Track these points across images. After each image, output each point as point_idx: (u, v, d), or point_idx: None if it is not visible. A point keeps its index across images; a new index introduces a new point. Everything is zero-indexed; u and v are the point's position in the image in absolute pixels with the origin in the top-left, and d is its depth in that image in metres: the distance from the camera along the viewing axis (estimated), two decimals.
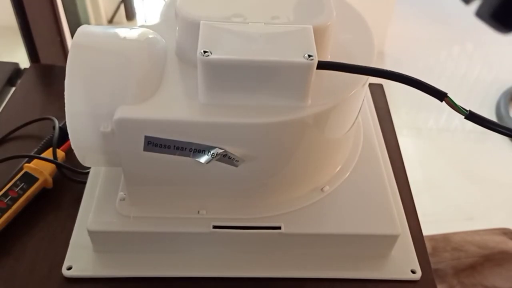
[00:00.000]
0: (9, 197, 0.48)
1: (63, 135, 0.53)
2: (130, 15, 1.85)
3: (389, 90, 0.65)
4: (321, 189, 0.46)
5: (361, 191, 0.46)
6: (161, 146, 0.38)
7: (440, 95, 0.35)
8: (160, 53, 0.40)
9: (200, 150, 0.38)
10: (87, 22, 1.21)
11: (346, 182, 0.47)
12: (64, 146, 0.54)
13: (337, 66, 0.37)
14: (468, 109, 0.35)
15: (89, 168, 0.50)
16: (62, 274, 0.43)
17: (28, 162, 0.51)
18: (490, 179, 1.40)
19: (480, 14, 0.46)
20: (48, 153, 0.52)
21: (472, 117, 0.35)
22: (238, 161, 0.39)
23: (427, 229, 0.52)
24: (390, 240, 0.45)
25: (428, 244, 0.67)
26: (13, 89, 0.66)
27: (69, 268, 0.44)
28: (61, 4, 0.75)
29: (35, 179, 0.49)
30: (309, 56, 0.35)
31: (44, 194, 0.50)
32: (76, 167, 0.50)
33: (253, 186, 0.43)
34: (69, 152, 0.52)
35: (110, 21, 1.81)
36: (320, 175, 0.46)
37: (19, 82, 0.66)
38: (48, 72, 0.69)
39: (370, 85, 0.64)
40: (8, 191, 0.48)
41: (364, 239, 0.44)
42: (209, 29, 0.37)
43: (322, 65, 0.36)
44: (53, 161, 0.51)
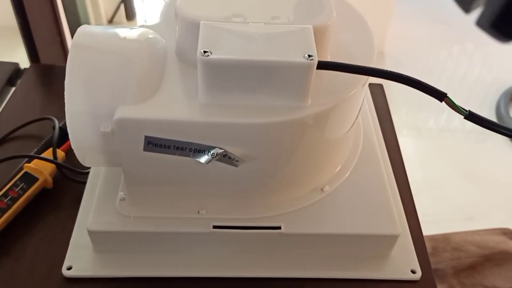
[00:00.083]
0: (9, 197, 0.48)
1: (63, 135, 0.53)
2: (130, 15, 1.85)
3: (389, 90, 0.65)
4: (321, 189, 0.46)
5: (361, 191, 0.46)
6: (161, 146, 0.38)
7: (440, 96, 0.35)
8: (160, 53, 0.40)
9: (200, 150, 0.38)
10: (87, 22, 1.21)
11: (346, 182, 0.47)
12: (64, 146, 0.54)
13: (337, 66, 0.37)
14: (468, 109, 0.35)
15: (89, 168, 0.50)
16: (62, 274, 0.43)
17: (28, 162, 0.51)
18: (490, 179, 1.40)
19: (481, 24, 0.47)
20: (48, 153, 0.52)
21: (472, 117, 0.35)
22: (238, 161, 0.39)
23: (427, 229, 0.52)
24: (390, 240, 0.45)
25: (428, 244, 0.67)
26: (13, 89, 0.66)
27: (69, 268, 0.44)
28: (61, 4, 0.75)
29: (35, 179, 0.49)
30: (309, 56, 0.35)
31: (44, 194, 0.50)
32: (76, 167, 0.50)
33: (253, 186, 0.43)
34: (69, 152, 0.52)
35: (110, 21, 1.81)
36: (320, 175, 0.46)
37: (19, 82, 0.66)
38: (48, 72, 0.69)
39: (370, 85, 0.64)
40: (8, 191, 0.48)
41: (364, 239, 0.44)
42: (209, 29, 0.37)
43: (322, 65, 0.36)
44: (53, 161, 0.51)
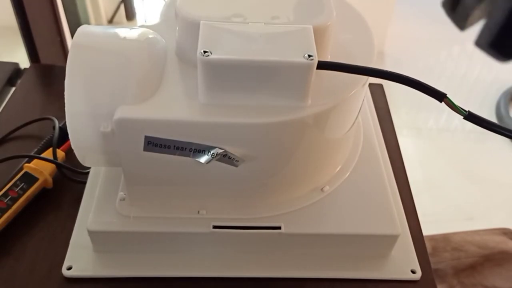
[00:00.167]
0: (9, 197, 0.48)
1: (63, 135, 0.53)
2: (130, 15, 1.85)
3: (389, 90, 0.65)
4: (321, 189, 0.46)
5: (361, 191, 0.46)
6: (161, 146, 0.38)
7: (439, 96, 0.35)
8: (160, 53, 0.40)
9: (200, 150, 0.38)
10: (87, 22, 1.21)
11: (346, 182, 0.47)
12: (64, 146, 0.54)
13: (337, 66, 0.37)
14: (467, 110, 0.35)
15: (89, 168, 0.50)
16: (62, 274, 0.43)
17: (28, 162, 0.51)
18: (490, 179, 1.40)
19: (479, 44, 0.47)
20: (48, 153, 0.52)
21: (471, 118, 0.35)
22: (238, 161, 0.39)
23: (427, 229, 0.52)
24: (390, 240, 0.45)
25: (428, 244, 0.67)
26: (13, 89, 0.66)
27: (69, 268, 0.44)
28: (61, 4, 0.75)
29: (35, 179, 0.49)
30: (309, 56, 0.35)
31: (44, 194, 0.50)
32: (76, 167, 0.50)
33: (253, 186, 0.43)
34: (69, 152, 0.52)
35: (110, 21, 1.81)
36: (320, 175, 0.46)
37: (19, 82, 0.66)
38: (48, 72, 0.69)
39: (370, 85, 0.64)
40: (8, 191, 0.48)
41: (364, 239, 0.44)
42: (209, 29, 0.37)
43: (322, 65, 0.36)
44: (53, 161, 0.51)
